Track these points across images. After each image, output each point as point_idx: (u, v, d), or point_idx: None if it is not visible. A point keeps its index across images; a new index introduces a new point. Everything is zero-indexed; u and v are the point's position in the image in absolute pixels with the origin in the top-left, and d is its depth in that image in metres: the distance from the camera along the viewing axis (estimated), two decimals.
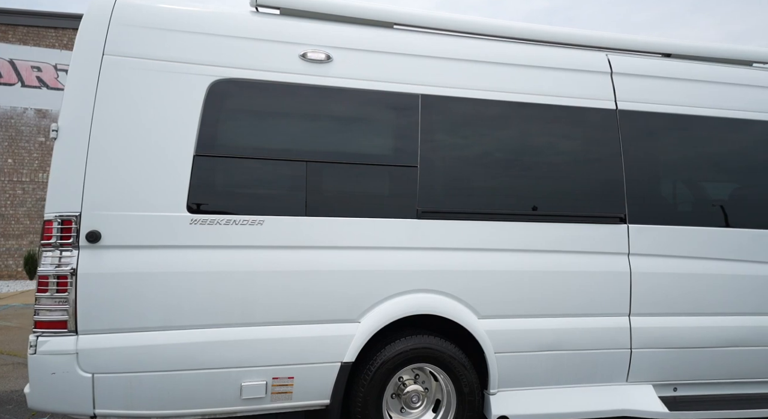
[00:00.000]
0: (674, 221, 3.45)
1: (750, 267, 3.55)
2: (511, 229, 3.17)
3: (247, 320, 2.79)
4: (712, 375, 3.51)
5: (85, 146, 2.68)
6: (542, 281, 3.18)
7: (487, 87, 3.26)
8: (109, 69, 2.76)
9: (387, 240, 3.00)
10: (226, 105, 2.89)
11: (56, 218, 2.61)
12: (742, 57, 4.00)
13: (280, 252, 2.86)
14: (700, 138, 3.63)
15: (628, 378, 3.37)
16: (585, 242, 3.27)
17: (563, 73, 3.41)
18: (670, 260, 3.41)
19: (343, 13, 3.22)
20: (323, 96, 3.03)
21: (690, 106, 3.64)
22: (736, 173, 3.69)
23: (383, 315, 2.95)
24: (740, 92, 3.79)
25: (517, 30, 3.49)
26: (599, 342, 3.27)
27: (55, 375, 2.55)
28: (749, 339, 3.50)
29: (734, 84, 3.80)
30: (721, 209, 3.59)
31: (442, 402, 3.15)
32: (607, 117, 3.43)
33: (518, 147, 3.27)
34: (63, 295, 2.58)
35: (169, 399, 2.70)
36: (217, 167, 2.84)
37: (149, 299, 2.67)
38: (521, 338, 3.15)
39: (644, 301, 3.34)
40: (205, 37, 2.92)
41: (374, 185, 3.04)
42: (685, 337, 3.40)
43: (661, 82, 3.62)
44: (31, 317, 2.69)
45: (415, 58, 3.21)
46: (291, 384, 2.84)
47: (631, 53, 3.76)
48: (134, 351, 2.64)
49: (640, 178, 3.43)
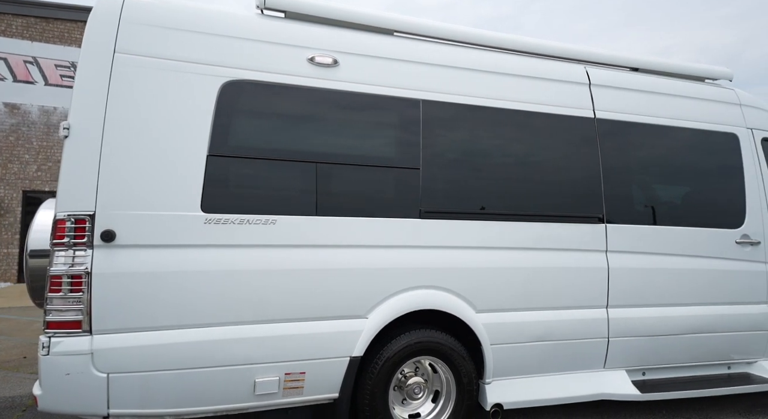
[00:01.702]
0: (644, 221, 3.80)
1: (705, 262, 3.96)
2: (506, 228, 3.40)
3: (261, 317, 2.85)
4: (675, 360, 3.89)
5: (99, 144, 2.65)
6: (533, 277, 3.43)
7: (482, 94, 3.48)
8: (121, 67, 2.74)
9: (392, 239, 3.14)
10: (237, 106, 2.94)
11: (69, 217, 2.57)
12: (696, 74, 4.45)
13: (292, 251, 2.94)
14: (663, 146, 4.01)
15: (605, 364, 3.68)
16: (570, 240, 3.55)
17: (550, 83, 3.69)
18: (641, 256, 3.75)
19: (345, 18, 3.34)
20: (330, 99, 3.13)
21: (654, 116, 4.02)
22: (694, 178, 4.10)
23: (390, 310, 3.08)
24: (694, 105, 4.22)
25: (509, 41, 3.74)
26: (581, 332, 3.55)
27: (69, 375, 2.52)
28: (706, 326, 3.91)
29: (690, 97, 4.23)
30: (682, 210, 3.98)
31: (441, 392, 3.32)
32: (587, 125, 3.74)
33: (510, 151, 3.51)
34: (77, 295, 2.54)
35: (183, 397, 2.72)
36: (230, 167, 2.88)
37: (164, 298, 2.68)
38: (514, 330, 3.37)
39: (619, 294, 3.66)
40: (218, 38, 2.95)
41: (380, 186, 3.17)
42: (653, 326, 3.75)
43: (631, 93, 3.98)
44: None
45: (417, 64, 3.37)
46: (303, 379, 2.92)
47: (604, 66, 4.10)
48: (149, 350, 2.64)
49: (615, 181, 3.76)
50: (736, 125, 4.34)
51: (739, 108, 4.43)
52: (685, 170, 4.07)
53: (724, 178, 4.18)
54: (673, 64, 4.37)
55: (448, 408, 3.25)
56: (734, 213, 4.14)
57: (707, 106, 4.27)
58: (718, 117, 4.28)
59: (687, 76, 4.42)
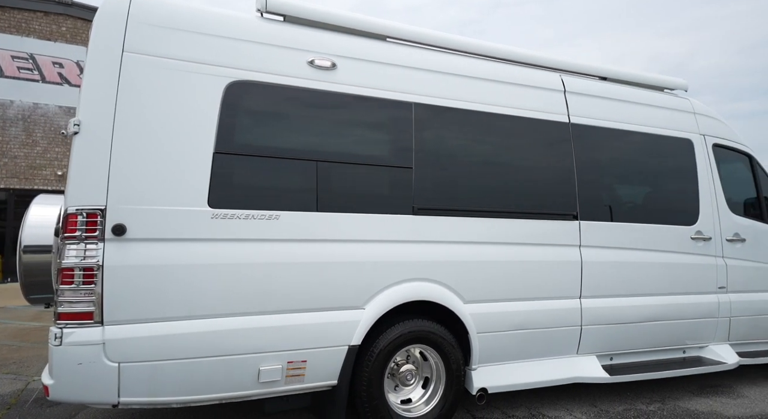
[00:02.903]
0: (613, 218, 4.14)
1: (665, 256, 4.34)
2: (491, 224, 3.64)
3: (265, 308, 2.97)
4: (639, 345, 4.25)
5: (109, 141, 2.71)
6: (515, 270, 3.69)
7: (471, 99, 3.71)
8: (129, 66, 2.81)
9: (388, 234, 3.33)
10: (242, 106, 3.05)
11: (80, 211, 2.62)
12: (656, 84, 4.86)
13: (294, 245, 3.07)
14: (628, 149, 4.37)
15: (578, 350, 3.98)
16: (548, 236, 3.84)
17: (531, 90, 3.97)
18: (610, 250, 4.09)
19: (340, 23, 3.50)
20: (329, 100, 3.28)
21: (621, 122, 4.37)
22: (655, 179, 4.48)
23: (386, 301, 3.26)
24: (655, 113, 4.62)
25: (494, 49, 4.00)
26: (557, 320, 3.84)
27: (81, 365, 2.57)
28: (666, 314, 4.29)
29: (651, 106, 4.62)
30: (645, 208, 4.35)
31: (430, 378, 3.53)
32: (563, 129, 4.04)
33: (495, 153, 3.76)
34: (89, 287, 2.60)
35: (190, 386, 2.81)
36: (236, 164, 2.99)
37: (172, 290, 2.77)
38: (498, 319, 3.62)
39: (591, 285, 3.97)
40: (223, 40, 3.05)
41: (376, 183, 3.35)
42: (620, 315, 4.09)
43: (601, 101, 4.31)
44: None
45: (409, 69, 3.57)
46: (304, 366, 3.06)
47: (576, 75, 4.43)
48: (158, 340, 2.72)
49: (588, 181, 4.07)
50: (691, 132, 4.76)
51: (693, 116, 4.87)
52: (647, 172, 4.44)
53: (681, 179, 4.59)
54: (637, 74, 4.75)
55: (438, 393, 3.46)
56: (689, 211, 4.55)
57: (666, 114, 4.68)
58: (675, 124, 4.69)
59: (648, 86, 4.81)
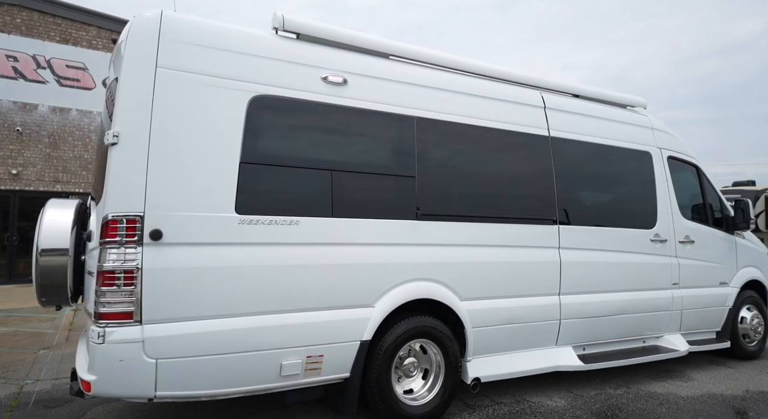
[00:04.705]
0: (586, 222, 4.61)
1: (630, 256, 4.87)
2: (485, 228, 4.01)
3: (286, 307, 3.20)
4: (607, 336, 4.75)
5: (146, 151, 2.88)
6: (504, 269, 4.07)
7: (464, 113, 4.08)
8: (163, 81, 2.98)
9: (394, 237, 3.63)
10: (263, 119, 3.27)
11: (121, 217, 2.78)
12: (620, 101, 5.41)
13: (311, 248, 3.32)
14: (598, 160, 4.86)
15: (557, 342, 4.42)
16: (532, 239, 4.25)
17: (518, 106, 4.39)
18: (584, 251, 4.55)
19: (347, 41, 3.77)
20: (341, 114, 3.55)
21: (592, 136, 4.86)
22: (619, 187, 5.00)
23: (393, 299, 3.56)
24: (620, 127, 5.15)
25: (483, 68, 4.38)
26: (540, 315, 4.26)
27: (122, 362, 2.73)
28: (630, 308, 4.81)
29: (617, 121, 5.15)
30: (612, 213, 4.85)
31: (430, 370, 3.85)
32: (544, 142, 4.47)
33: (486, 163, 4.13)
34: (129, 288, 2.76)
35: (220, 380, 3.01)
36: (260, 173, 3.21)
37: (204, 290, 2.96)
38: (490, 315, 3.99)
39: (568, 283, 4.42)
40: (246, 57, 3.26)
41: (384, 191, 3.64)
42: (592, 309, 4.57)
43: (575, 116, 4.79)
44: None
45: (411, 86, 3.89)
46: (321, 360, 3.31)
47: (552, 92, 4.88)
48: (191, 338, 2.91)
49: (564, 189, 4.52)
50: (650, 145, 5.33)
51: (651, 131, 5.44)
52: (614, 181, 4.96)
53: (642, 188, 5.14)
54: (603, 92, 5.27)
55: (438, 383, 3.79)
56: (649, 216, 5.11)
57: (629, 129, 5.22)
58: (637, 138, 5.24)
59: (613, 103, 5.35)
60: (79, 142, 13.40)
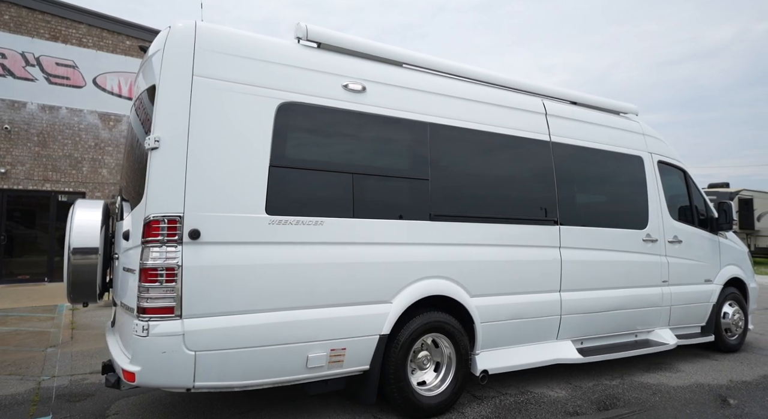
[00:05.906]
0: (584, 223, 4.88)
1: (624, 255, 5.16)
2: (493, 228, 4.25)
3: (313, 303, 3.39)
4: (603, 331, 5.03)
5: (184, 155, 3.03)
6: (511, 267, 4.31)
7: (474, 120, 4.31)
8: (199, 89, 3.14)
9: (410, 237, 3.83)
10: (290, 124, 3.45)
11: (163, 218, 2.93)
12: (614, 108, 5.71)
13: (335, 248, 3.51)
14: (595, 165, 5.14)
15: (558, 336, 4.68)
16: (536, 238, 4.50)
17: (522, 113, 4.63)
18: (582, 250, 4.82)
19: (364, 50, 3.97)
20: (360, 120, 3.74)
21: (589, 141, 5.14)
22: (614, 190, 5.29)
23: (409, 296, 3.77)
24: (614, 133, 5.45)
25: (488, 75, 4.61)
26: (543, 311, 4.51)
27: (165, 353, 2.88)
28: (624, 304, 5.10)
29: (612, 127, 5.44)
30: (607, 214, 5.14)
31: (441, 363, 4.07)
32: (546, 147, 4.73)
33: (493, 166, 4.36)
34: (171, 285, 2.92)
35: (251, 371, 3.18)
36: (288, 176, 3.38)
37: (237, 287, 3.13)
38: (498, 310, 4.23)
39: (568, 280, 4.68)
40: (274, 65, 3.44)
41: (401, 193, 3.84)
42: (590, 305, 4.84)
43: (574, 122, 5.06)
44: None
45: (425, 93, 4.10)
46: (344, 353, 3.50)
47: (552, 99, 5.14)
48: (227, 331, 3.07)
49: (565, 192, 4.79)
50: (641, 150, 5.64)
51: (643, 137, 5.75)
52: (609, 184, 5.25)
53: (634, 190, 5.44)
54: (598, 100, 5.56)
55: (450, 375, 4.01)
56: (641, 217, 5.41)
57: (623, 135, 5.52)
58: (630, 143, 5.54)
59: (607, 110, 5.65)
60: (69, 140, 13.29)
